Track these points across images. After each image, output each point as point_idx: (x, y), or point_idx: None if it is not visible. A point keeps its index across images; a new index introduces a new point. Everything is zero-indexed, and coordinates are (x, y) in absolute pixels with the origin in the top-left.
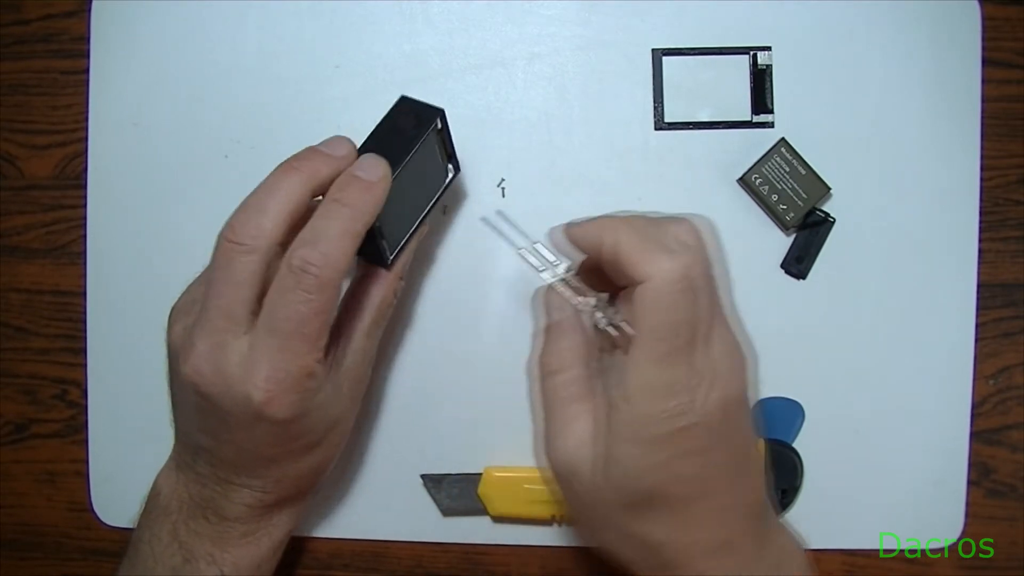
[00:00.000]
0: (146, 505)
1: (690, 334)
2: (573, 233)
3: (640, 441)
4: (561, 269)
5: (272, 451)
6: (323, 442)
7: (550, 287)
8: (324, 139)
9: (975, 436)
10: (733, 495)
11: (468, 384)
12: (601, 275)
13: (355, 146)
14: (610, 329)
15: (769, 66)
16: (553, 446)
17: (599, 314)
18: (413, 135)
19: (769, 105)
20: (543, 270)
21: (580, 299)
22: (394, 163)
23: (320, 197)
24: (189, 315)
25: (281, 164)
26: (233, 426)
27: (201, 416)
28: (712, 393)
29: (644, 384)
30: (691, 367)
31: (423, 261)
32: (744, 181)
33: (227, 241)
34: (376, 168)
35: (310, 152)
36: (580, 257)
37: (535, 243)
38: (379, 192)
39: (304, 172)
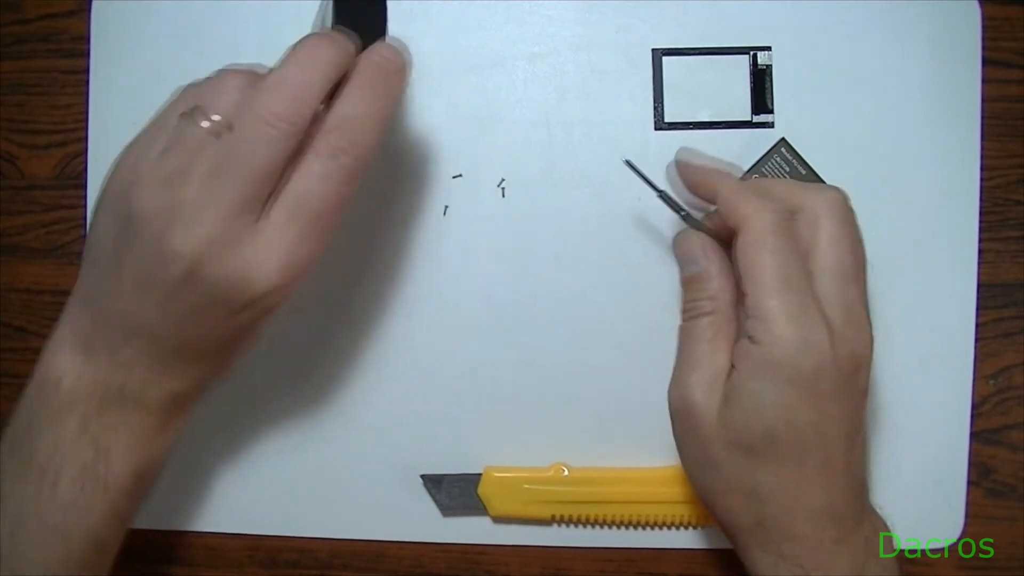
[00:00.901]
0: (36, 393)
1: (791, 275)
2: (686, 174)
3: (767, 378)
4: (697, 215)
5: (237, 337)
6: (263, 332)
7: (686, 233)
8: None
9: (975, 436)
10: (844, 460)
11: (468, 384)
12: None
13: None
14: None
15: (769, 66)
16: (676, 383)
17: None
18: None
19: (769, 105)
20: (683, 214)
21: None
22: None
23: None
24: (174, 186)
25: (310, 39)
26: (214, 311)
27: (170, 297)
28: (841, 343)
29: (770, 315)
30: (807, 308)
31: (423, 261)
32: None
33: (265, 124)
34: (398, 56)
35: (331, 34)
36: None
37: (662, 191)
38: (401, 81)
39: (339, 52)
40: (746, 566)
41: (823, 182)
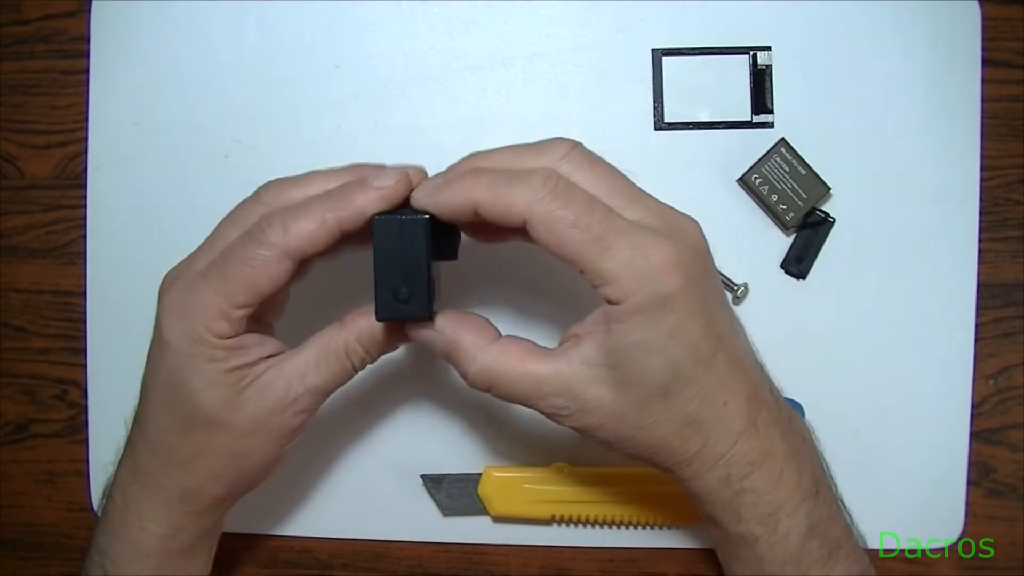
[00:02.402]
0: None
1: (592, 228)
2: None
3: (643, 322)
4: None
5: None
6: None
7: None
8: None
9: (975, 436)
10: (744, 349)
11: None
12: None
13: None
14: None
15: (769, 66)
16: (560, 411)
17: None
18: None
19: (769, 105)
20: None
21: None
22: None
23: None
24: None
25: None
26: None
27: None
28: (678, 237)
29: (611, 276)
30: (633, 240)
31: None
32: (744, 181)
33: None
34: (387, 177)
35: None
36: None
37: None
38: (372, 196)
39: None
40: (696, 499)
41: (823, 182)
